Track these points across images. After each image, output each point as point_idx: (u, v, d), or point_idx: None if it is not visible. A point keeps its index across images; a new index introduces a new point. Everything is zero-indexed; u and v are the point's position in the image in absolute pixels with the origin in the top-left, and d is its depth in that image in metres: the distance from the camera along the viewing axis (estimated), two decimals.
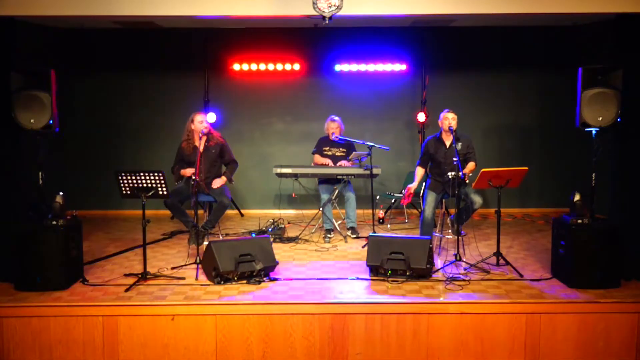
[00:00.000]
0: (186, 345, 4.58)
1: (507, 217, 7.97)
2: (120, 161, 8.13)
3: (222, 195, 6.04)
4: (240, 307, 4.63)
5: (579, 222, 4.99)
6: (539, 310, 4.62)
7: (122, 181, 5.07)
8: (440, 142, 6.04)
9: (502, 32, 8.07)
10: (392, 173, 8.33)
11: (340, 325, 4.60)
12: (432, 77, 8.17)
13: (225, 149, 6.25)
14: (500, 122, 8.43)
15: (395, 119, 8.44)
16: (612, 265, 4.96)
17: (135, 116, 8.35)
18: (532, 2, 5.49)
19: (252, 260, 5.11)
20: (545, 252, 5.91)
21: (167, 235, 6.95)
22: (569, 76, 5.93)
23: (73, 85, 7.89)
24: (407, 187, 6.07)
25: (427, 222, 5.94)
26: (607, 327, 4.62)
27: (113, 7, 5.40)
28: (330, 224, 6.79)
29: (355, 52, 8.20)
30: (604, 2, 5.39)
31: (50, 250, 4.93)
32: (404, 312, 4.61)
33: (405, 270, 5.11)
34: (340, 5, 5.09)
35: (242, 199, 8.44)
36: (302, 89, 8.36)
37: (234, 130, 8.06)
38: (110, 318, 4.57)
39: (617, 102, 5.02)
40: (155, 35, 8.06)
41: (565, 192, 5.86)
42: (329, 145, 7.01)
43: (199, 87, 8.18)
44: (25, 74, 5.07)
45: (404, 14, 5.67)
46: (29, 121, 5.03)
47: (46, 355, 4.58)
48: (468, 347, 4.61)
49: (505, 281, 5.13)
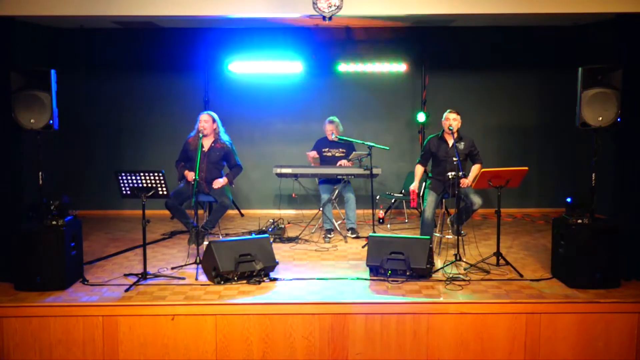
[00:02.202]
0: (186, 345, 4.58)
1: (507, 217, 7.97)
2: (121, 161, 8.13)
3: (223, 196, 6.04)
4: (240, 307, 4.63)
5: (579, 222, 4.99)
6: (539, 310, 4.61)
7: (122, 181, 5.07)
8: (442, 141, 6.04)
9: (502, 32, 8.06)
10: (392, 173, 8.33)
11: (340, 325, 4.60)
12: (432, 77, 8.17)
13: (230, 153, 6.24)
14: (500, 122, 8.43)
15: (395, 119, 8.43)
16: (612, 265, 4.96)
17: (135, 116, 8.35)
18: (532, 2, 5.48)
19: (252, 260, 5.11)
20: (545, 252, 5.91)
21: (167, 235, 6.95)
22: (569, 76, 5.92)
23: (73, 85, 7.87)
24: (412, 190, 6.05)
25: (427, 222, 5.94)
26: (607, 327, 4.62)
27: (113, 7, 5.40)
28: (330, 224, 6.79)
29: (355, 52, 8.20)
30: (604, 2, 5.39)
31: (50, 250, 4.93)
32: (404, 312, 4.61)
33: (405, 270, 5.11)
34: (340, 5, 5.09)
35: (242, 199, 8.43)
36: (302, 89, 8.35)
37: (234, 130, 8.03)
38: (110, 318, 4.57)
39: (617, 102, 5.01)
40: (155, 35, 8.06)
41: (565, 192, 5.85)
42: (328, 147, 7.01)
43: (199, 87, 8.18)
44: (25, 74, 5.06)
45: (404, 14, 5.67)
46: (29, 121, 5.03)
47: (46, 355, 4.59)
48: (468, 347, 4.62)
49: (505, 281, 5.13)
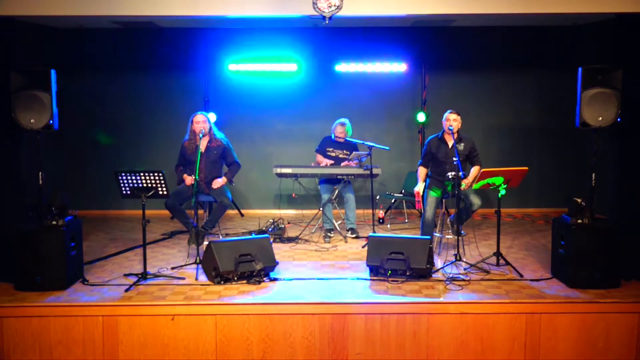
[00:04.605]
0: (186, 345, 4.58)
1: (507, 217, 7.97)
2: (120, 161, 8.13)
3: (223, 196, 6.03)
4: (240, 307, 4.63)
5: (579, 222, 4.99)
6: (539, 310, 4.61)
7: (122, 181, 5.07)
8: (442, 142, 6.03)
9: (502, 32, 8.07)
10: (392, 173, 8.33)
11: (340, 325, 4.60)
12: (432, 77, 8.18)
13: (228, 151, 6.24)
14: (500, 122, 8.43)
15: (395, 119, 8.44)
16: (612, 265, 4.95)
17: (135, 116, 8.35)
18: (532, 2, 5.49)
19: (252, 260, 5.11)
20: (545, 252, 5.91)
21: (167, 235, 6.96)
22: (569, 76, 5.93)
23: (73, 85, 7.88)
24: (416, 193, 6.04)
25: (427, 222, 5.95)
26: (607, 327, 4.62)
27: (113, 7, 5.40)
28: (331, 224, 6.79)
29: (355, 52, 8.21)
30: (604, 2, 5.39)
31: (50, 250, 4.92)
32: (404, 312, 4.61)
33: (405, 270, 5.11)
34: (340, 5, 5.09)
35: (242, 199, 8.44)
36: (302, 89, 8.35)
37: (234, 130, 8.05)
38: (110, 318, 4.57)
39: (617, 102, 5.01)
40: (155, 35, 8.06)
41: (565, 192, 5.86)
42: (332, 146, 7.01)
43: (199, 87, 8.18)
44: (25, 74, 5.05)
45: (404, 14, 5.67)
46: (29, 121, 5.02)
47: (46, 355, 4.58)
48: (468, 347, 4.61)
49: (505, 281, 5.12)
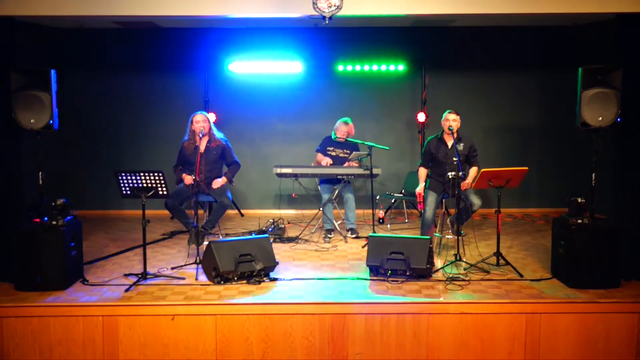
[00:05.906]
0: (186, 345, 4.58)
1: (507, 217, 7.97)
2: (120, 161, 8.13)
3: (223, 196, 6.03)
4: (240, 307, 4.63)
5: (579, 222, 4.99)
6: (539, 310, 4.61)
7: (122, 181, 5.07)
8: (442, 142, 6.03)
9: (502, 32, 8.07)
10: (392, 173, 8.33)
11: (340, 325, 4.60)
12: (432, 77, 8.17)
13: (227, 150, 6.23)
14: (501, 122, 8.43)
15: (395, 119, 8.44)
16: (612, 265, 4.96)
17: (135, 116, 8.36)
18: (532, 2, 5.48)
19: (252, 260, 5.11)
20: (545, 252, 5.91)
21: (167, 235, 6.96)
22: (569, 76, 5.92)
23: (73, 85, 7.88)
24: (418, 193, 6.04)
25: (427, 222, 5.95)
26: (607, 327, 4.62)
27: (113, 7, 5.39)
28: (331, 224, 6.79)
29: (355, 52, 8.20)
30: (604, 2, 5.39)
31: (50, 250, 4.93)
32: (404, 312, 4.61)
33: (405, 270, 5.11)
34: (340, 5, 5.08)
35: (242, 199, 8.43)
36: (302, 89, 8.35)
37: (234, 130, 8.05)
38: (110, 318, 4.57)
39: (617, 102, 5.01)
40: (155, 35, 8.06)
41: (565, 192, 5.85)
42: (333, 146, 7.00)
43: (199, 87, 8.18)
44: (25, 74, 5.05)
45: (404, 14, 5.67)
46: (29, 121, 5.02)
47: (46, 355, 4.58)
48: (468, 347, 4.61)
49: (505, 281, 5.13)
